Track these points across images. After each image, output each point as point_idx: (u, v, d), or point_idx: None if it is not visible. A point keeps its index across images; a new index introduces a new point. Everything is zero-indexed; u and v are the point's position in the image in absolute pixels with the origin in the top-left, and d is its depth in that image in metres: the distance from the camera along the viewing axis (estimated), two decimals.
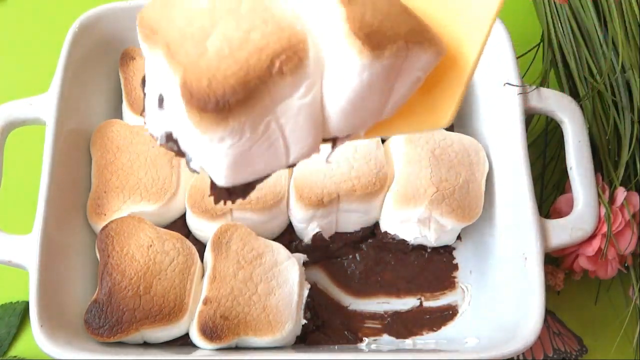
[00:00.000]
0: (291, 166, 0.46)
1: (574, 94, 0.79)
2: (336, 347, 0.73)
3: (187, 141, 0.44)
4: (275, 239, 0.73)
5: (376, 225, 0.77)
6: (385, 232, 0.76)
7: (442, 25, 0.46)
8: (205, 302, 0.67)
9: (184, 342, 0.69)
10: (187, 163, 0.45)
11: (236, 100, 0.40)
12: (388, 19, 0.42)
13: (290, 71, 0.41)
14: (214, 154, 0.42)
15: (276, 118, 0.42)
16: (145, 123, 0.48)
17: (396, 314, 0.75)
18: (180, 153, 0.45)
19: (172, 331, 0.68)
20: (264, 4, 0.42)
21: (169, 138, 0.46)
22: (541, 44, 0.84)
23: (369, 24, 0.41)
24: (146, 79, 0.48)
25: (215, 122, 0.40)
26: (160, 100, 0.46)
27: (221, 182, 0.44)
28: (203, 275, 0.70)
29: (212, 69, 0.40)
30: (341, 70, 0.42)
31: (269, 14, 0.42)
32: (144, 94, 0.48)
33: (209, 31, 0.41)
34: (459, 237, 0.78)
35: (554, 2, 0.83)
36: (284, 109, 0.42)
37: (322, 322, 0.73)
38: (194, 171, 0.46)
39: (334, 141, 0.46)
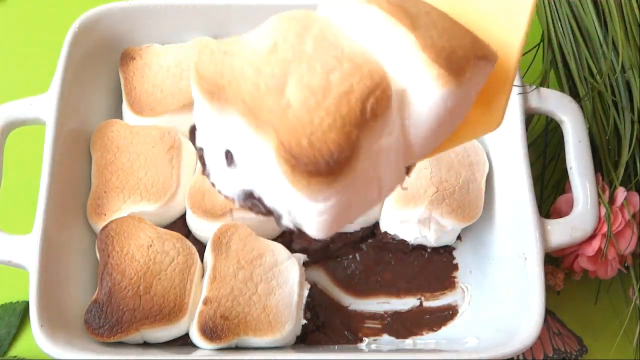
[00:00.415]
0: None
1: (574, 94, 0.79)
2: (336, 347, 0.73)
3: (277, 200, 0.41)
4: (275, 239, 0.73)
5: (376, 225, 0.77)
6: (385, 232, 0.76)
7: (481, 30, 0.45)
8: (205, 302, 0.67)
9: (184, 342, 0.69)
10: (277, 220, 0.42)
11: (345, 157, 0.37)
12: (453, 36, 0.41)
13: (381, 113, 0.39)
14: (314, 212, 0.40)
15: (373, 163, 0.40)
16: (213, 185, 0.45)
17: (396, 314, 0.76)
18: (265, 212, 0.43)
19: (172, 331, 0.68)
20: (329, 40, 0.40)
21: (249, 196, 0.43)
22: (541, 44, 0.84)
23: (442, 48, 0.40)
24: (198, 131, 0.45)
25: (326, 184, 0.38)
26: (229, 157, 0.43)
27: (318, 236, 0.42)
28: (203, 275, 0.70)
29: (307, 126, 0.37)
30: (424, 99, 0.40)
31: (339, 51, 0.40)
32: (199, 154, 0.45)
33: (284, 79, 0.39)
34: (459, 237, 0.78)
35: (554, 2, 0.83)
36: (378, 151, 0.40)
37: (322, 322, 0.73)
38: (287, 228, 0.43)
39: (408, 168, 0.45)
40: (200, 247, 0.72)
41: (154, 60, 0.78)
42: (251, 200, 0.43)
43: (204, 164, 0.45)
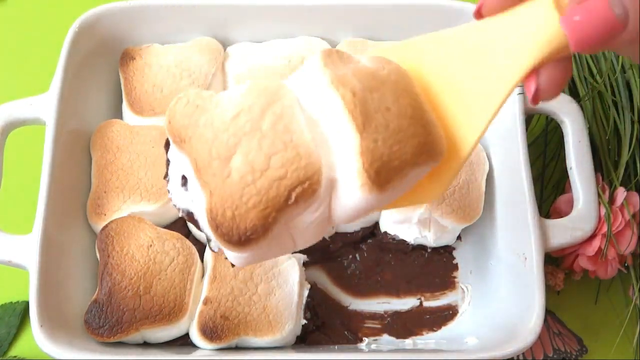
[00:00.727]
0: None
1: (574, 94, 0.79)
2: (336, 347, 0.73)
3: (207, 230, 0.47)
4: None
5: (376, 225, 0.77)
6: (385, 233, 0.76)
7: (448, 113, 0.48)
8: (205, 302, 0.67)
9: (184, 342, 0.69)
10: (207, 242, 0.49)
11: (256, 236, 0.44)
12: (400, 140, 0.45)
13: (304, 201, 0.44)
14: (231, 255, 0.48)
15: (288, 230, 0.47)
16: (168, 192, 0.52)
17: (396, 314, 0.76)
18: (200, 230, 0.49)
19: (172, 331, 0.68)
20: (284, 122, 0.45)
21: (190, 216, 0.50)
22: None
23: (380, 156, 0.44)
24: (170, 152, 0.51)
25: (237, 250, 0.46)
26: (184, 181, 0.49)
27: (236, 265, 0.50)
28: (203, 275, 0.70)
29: (236, 200, 0.44)
30: (349, 194, 0.45)
31: (289, 137, 0.44)
32: (167, 160, 0.52)
33: (234, 149, 0.44)
34: (459, 237, 0.78)
35: None
36: (296, 223, 0.46)
37: (322, 322, 0.73)
38: (213, 250, 0.51)
39: None
40: (200, 247, 0.72)
41: (154, 60, 0.78)
42: (192, 219, 0.50)
43: (167, 173, 0.52)
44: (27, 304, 0.76)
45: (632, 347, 0.76)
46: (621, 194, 0.73)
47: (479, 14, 0.48)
